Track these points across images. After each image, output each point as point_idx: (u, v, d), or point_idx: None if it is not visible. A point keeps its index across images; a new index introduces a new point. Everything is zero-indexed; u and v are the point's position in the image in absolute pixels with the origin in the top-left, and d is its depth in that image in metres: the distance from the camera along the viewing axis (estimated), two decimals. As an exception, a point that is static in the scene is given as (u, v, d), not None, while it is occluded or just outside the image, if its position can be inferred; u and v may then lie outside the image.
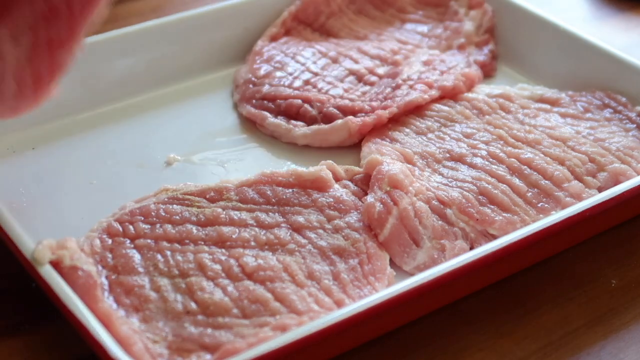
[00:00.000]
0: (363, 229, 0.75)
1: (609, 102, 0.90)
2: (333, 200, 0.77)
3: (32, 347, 0.69)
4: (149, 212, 0.74)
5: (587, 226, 0.78)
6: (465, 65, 0.97)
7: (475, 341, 0.71)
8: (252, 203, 0.76)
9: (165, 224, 0.73)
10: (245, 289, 0.68)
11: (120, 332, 0.63)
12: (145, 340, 0.64)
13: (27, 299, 0.73)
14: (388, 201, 0.76)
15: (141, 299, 0.67)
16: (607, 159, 0.82)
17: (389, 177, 0.77)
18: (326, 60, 0.97)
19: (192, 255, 0.70)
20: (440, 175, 0.81)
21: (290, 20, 1.02)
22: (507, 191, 0.78)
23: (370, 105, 0.89)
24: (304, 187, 0.78)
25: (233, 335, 0.65)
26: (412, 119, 0.88)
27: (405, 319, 0.70)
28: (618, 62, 0.94)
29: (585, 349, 0.71)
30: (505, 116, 0.88)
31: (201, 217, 0.74)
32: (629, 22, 1.17)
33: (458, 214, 0.76)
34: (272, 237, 0.73)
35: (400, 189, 0.76)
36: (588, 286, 0.77)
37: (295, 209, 0.76)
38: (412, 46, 1.01)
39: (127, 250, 0.71)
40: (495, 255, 0.69)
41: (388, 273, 0.72)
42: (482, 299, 0.74)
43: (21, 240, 0.69)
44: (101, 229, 0.73)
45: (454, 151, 0.83)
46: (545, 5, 1.10)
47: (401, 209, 0.75)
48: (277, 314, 0.66)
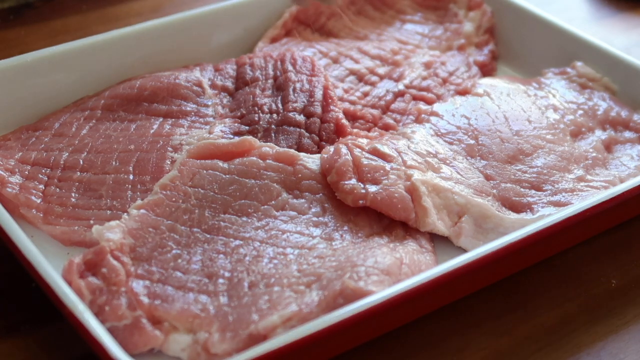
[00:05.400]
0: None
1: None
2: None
3: (32, 347, 0.69)
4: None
5: (587, 226, 0.78)
6: (466, 67, 0.97)
7: (475, 341, 0.71)
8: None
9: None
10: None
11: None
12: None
13: (27, 299, 0.73)
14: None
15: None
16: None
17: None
18: (327, 60, 0.97)
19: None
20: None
21: (291, 21, 1.02)
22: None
23: (372, 114, 0.89)
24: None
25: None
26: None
27: (405, 319, 0.71)
28: (618, 61, 0.94)
29: (585, 349, 0.71)
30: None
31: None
32: (629, 22, 1.17)
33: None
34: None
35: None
36: (588, 286, 0.77)
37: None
38: (413, 46, 1.01)
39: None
40: (495, 255, 0.69)
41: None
42: (482, 299, 0.74)
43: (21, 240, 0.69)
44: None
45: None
46: (545, 5, 1.10)
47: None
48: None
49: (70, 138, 0.84)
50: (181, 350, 0.66)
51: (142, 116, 0.86)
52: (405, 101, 0.92)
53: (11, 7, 1.12)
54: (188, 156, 0.77)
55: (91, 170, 0.80)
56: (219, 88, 0.90)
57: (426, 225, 0.76)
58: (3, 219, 0.71)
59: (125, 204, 0.77)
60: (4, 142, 0.84)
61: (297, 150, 0.82)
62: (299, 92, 0.87)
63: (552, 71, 0.96)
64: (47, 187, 0.79)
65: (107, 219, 0.75)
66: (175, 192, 0.75)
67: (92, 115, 0.87)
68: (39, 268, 0.66)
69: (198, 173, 0.76)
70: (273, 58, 0.92)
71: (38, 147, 0.83)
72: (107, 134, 0.84)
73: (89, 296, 0.67)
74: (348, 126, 0.85)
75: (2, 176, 0.78)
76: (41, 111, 0.88)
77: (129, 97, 0.88)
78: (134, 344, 0.65)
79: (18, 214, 0.77)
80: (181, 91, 0.89)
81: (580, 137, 0.88)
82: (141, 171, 0.80)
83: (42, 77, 0.88)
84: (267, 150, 0.79)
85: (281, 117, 0.85)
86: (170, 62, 0.95)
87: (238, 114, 0.87)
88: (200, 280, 0.69)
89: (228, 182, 0.76)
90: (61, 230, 0.76)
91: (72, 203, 0.78)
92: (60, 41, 0.91)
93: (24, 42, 1.06)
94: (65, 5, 1.13)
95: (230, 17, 0.99)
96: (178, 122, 0.86)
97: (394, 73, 0.95)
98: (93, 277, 0.68)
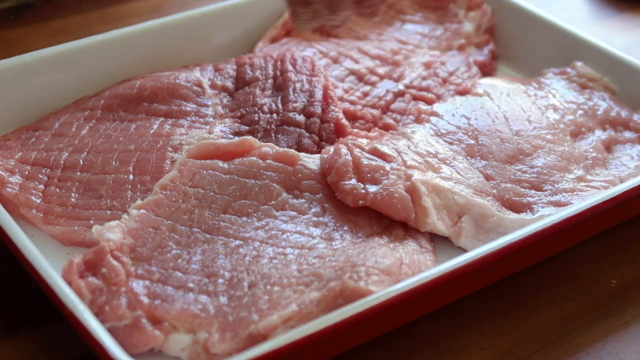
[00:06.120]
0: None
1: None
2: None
3: (32, 347, 0.69)
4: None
5: (588, 226, 0.78)
6: (466, 67, 0.97)
7: (475, 341, 0.71)
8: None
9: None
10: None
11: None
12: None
13: (27, 299, 0.73)
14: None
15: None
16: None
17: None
18: (327, 60, 0.97)
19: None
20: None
21: (291, 22, 1.02)
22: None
23: (372, 114, 0.89)
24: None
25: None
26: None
27: (405, 319, 0.71)
28: (618, 61, 0.94)
29: (585, 349, 0.71)
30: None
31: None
32: (629, 22, 1.17)
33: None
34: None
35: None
36: (588, 286, 0.77)
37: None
38: (413, 46, 1.01)
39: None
40: (495, 255, 0.69)
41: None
42: (482, 299, 0.74)
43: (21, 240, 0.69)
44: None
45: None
46: (545, 5, 1.10)
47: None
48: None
49: (70, 138, 0.84)
50: (181, 350, 0.66)
51: (142, 116, 0.86)
52: (405, 101, 0.92)
53: (11, 7, 1.12)
54: (188, 156, 0.77)
55: (91, 170, 0.80)
56: (219, 88, 0.90)
57: (426, 225, 0.76)
58: (3, 219, 0.71)
59: (125, 204, 0.77)
60: (4, 142, 0.84)
61: (297, 150, 0.82)
62: (299, 92, 0.87)
63: (552, 71, 0.96)
64: (47, 187, 0.79)
65: (107, 219, 0.75)
66: (175, 192, 0.75)
67: (92, 115, 0.87)
68: (39, 268, 0.66)
69: (198, 173, 0.76)
70: (273, 58, 0.92)
71: (38, 147, 0.83)
72: (107, 134, 0.84)
73: (89, 296, 0.67)
74: (348, 126, 0.85)
75: (2, 176, 0.78)
76: (41, 111, 0.88)
77: (129, 97, 0.88)
78: (134, 344, 0.65)
79: (18, 214, 0.77)
80: (181, 91, 0.89)
81: (580, 137, 0.88)
82: (141, 171, 0.80)
83: (42, 77, 0.88)
84: (267, 150, 0.79)
85: (281, 117, 0.85)
86: (170, 62, 0.95)
87: (238, 114, 0.87)
88: (200, 280, 0.69)
89: (228, 182, 0.76)
90: (61, 230, 0.76)
91: (72, 203, 0.78)
92: (60, 41, 0.91)
93: (24, 42, 1.06)
94: (65, 5, 1.13)
95: (230, 17, 0.99)
96: (178, 122, 0.86)
97: (394, 73, 0.95)
98: (93, 277, 0.68)
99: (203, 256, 0.71)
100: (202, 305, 0.67)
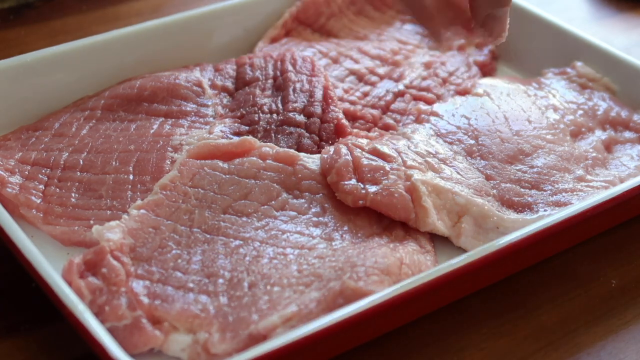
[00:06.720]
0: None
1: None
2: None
3: (32, 347, 0.69)
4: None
5: (588, 226, 0.78)
6: (466, 68, 0.97)
7: (475, 341, 0.71)
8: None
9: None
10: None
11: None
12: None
13: (27, 299, 0.73)
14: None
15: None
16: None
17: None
18: (327, 60, 0.97)
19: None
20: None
21: (290, 22, 1.02)
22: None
23: (372, 114, 0.89)
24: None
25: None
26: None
27: (405, 319, 0.70)
28: (618, 61, 0.94)
29: (585, 349, 0.71)
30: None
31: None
32: (629, 22, 1.17)
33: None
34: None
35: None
36: (588, 286, 0.77)
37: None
38: (413, 46, 1.01)
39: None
40: (495, 255, 0.69)
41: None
42: (482, 299, 0.74)
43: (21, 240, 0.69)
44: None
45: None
46: (545, 5, 1.10)
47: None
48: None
49: (70, 138, 0.84)
50: (181, 350, 0.66)
51: (142, 116, 0.86)
52: (405, 101, 0.92)
53: (11, 7, 1.12)
54: (188, 156, 0.78)
55: (91, 170, 0.80)
56: (219, 88, 0.90)
57: (426, 226, 0.76)
58: (3, 219, 0.71)
59: (125, 204, 0.77)
60: (4, 142, 0.84)
61: (297, 150, 0.82)
62: (299, 92, 0.87)
63: (552, 71, 0.96)
64: (47, 187, 0.79)
65: (107, 219, 0.75)
66: (175, 192, 0.75)
67: (92, 115, 0.87)
68: (39, 268, 0.66)
69: (198, 173, 0.76)
70: (273, 58, 0.92)
71: (38, 147, 0.83)
72: (107, 134, 0.84)
73: (89, 296, 0.67)
74: (348, 126, 0.85)
75: (2, 176, 0.78)
76: (41, 111, 0.88)
77: (129, 97, 0.88)
78: (134, 344, 0.65)
79: (18, 214, 0.77)
80: (181, 91, 0.89)
81: (580, 137, 0.88)
82: (141, 171, 0.80)
83: (42, 77, 0.88)
84: (267, 150, 0.79)
85: (281, 117, 0.85)
86: (170, 62, 0.95)
87: (238, 114, 0.87)
88: (200, 280, 0.69)
89: (228, 182, 0.76)
90: (61, 230, 0.76)
91: (72, 203, 0.78)
92: (60, 41, 0.91)
93: (24, 42, 1.06)
94: (65, 5, 1.13)
95: (230, 17, 0.99)
96: (178, 122, 0.86)
97: (394, 73, 0.95)
98: (93, 277, 0.68)
99: (203, 256, 0.71)
100: (202, 306, 0.67)
